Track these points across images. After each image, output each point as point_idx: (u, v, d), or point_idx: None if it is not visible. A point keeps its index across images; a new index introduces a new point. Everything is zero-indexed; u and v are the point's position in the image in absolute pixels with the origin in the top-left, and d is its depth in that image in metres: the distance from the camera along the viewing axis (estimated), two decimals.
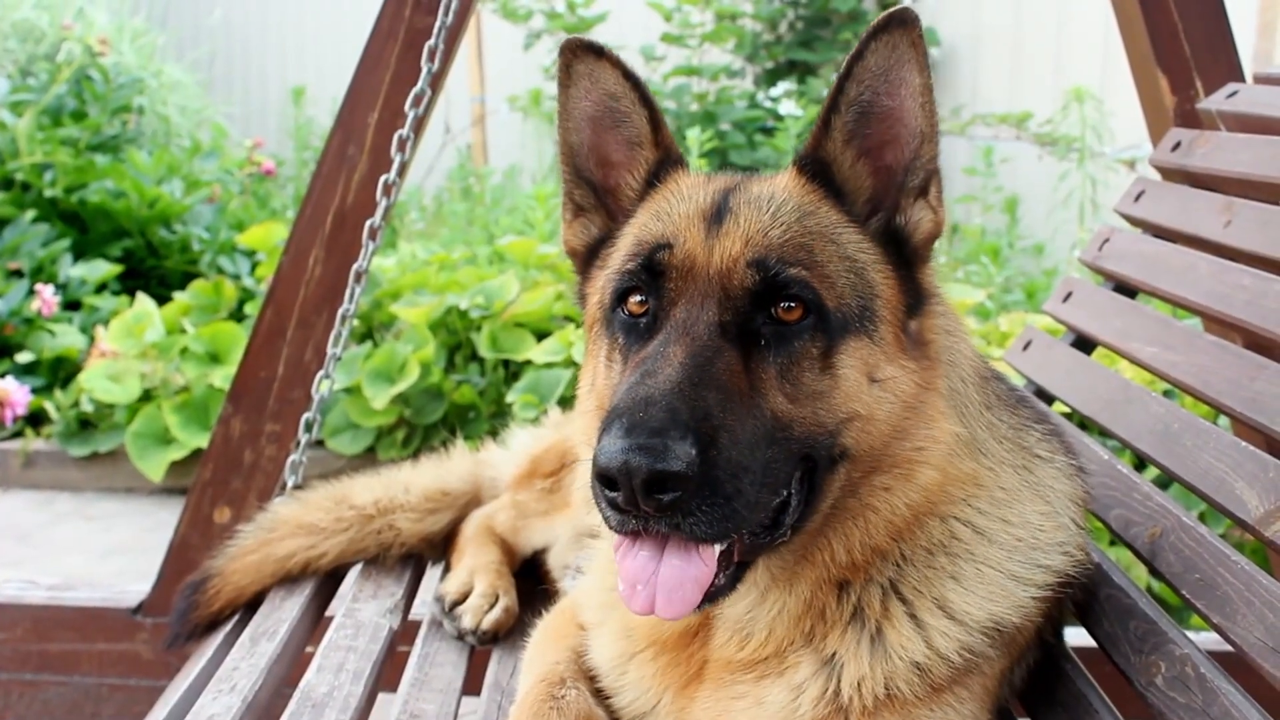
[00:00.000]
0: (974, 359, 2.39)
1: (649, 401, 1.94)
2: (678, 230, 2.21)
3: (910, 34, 2.09)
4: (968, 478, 2.26)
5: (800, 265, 2.12)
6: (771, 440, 2.03)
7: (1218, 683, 2.20)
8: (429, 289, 7.99)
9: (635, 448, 1.87)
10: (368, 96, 4.10)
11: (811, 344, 2.10)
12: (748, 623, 2.28)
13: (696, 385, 1.98)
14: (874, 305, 2.16)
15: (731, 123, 12.03)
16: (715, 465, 1.92)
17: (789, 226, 2.17)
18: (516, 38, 13.10)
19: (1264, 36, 8.73)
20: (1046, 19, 11.30)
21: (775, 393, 2.07)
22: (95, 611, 4.27)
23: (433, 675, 3.03)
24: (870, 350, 2.14)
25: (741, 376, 2.05)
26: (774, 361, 2.09)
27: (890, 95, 2.14)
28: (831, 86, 2.17)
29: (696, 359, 2.03)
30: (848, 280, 2.15)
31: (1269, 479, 2.42)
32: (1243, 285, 2.96)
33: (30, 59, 11.25)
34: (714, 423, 1.95)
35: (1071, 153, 10.15)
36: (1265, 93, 3.58)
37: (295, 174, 12.60)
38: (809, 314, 2.10)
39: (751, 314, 2.11)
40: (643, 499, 1.90)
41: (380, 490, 3.57)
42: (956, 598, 2.24)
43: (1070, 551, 2.36)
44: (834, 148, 2.22)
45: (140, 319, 7.97)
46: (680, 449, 1.88)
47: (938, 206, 2.24)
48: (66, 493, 7.87)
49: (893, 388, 2.15)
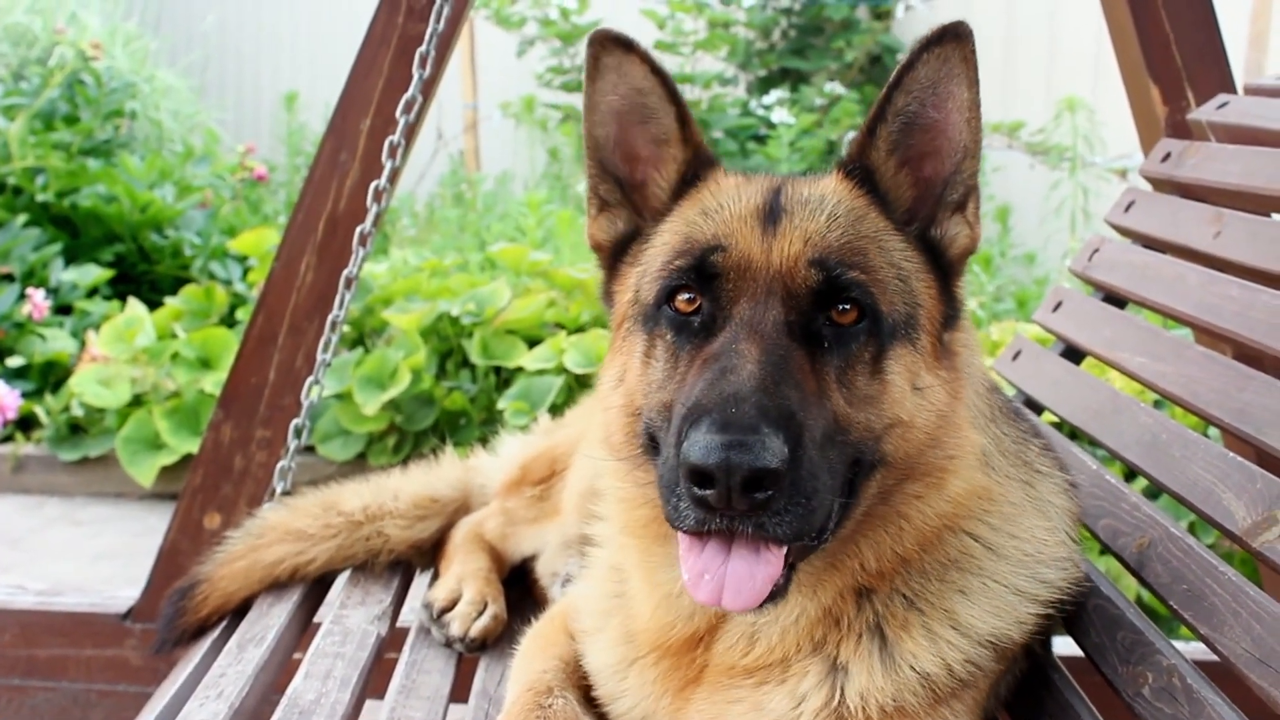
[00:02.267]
0: (984, 373, 2.40)
1: (738, 398, 1.92)
2: (731, 230, 2.19)
3: (963, 48, 2.08)
4: (983, 491, 2.26)
5: (858, 268, 2.12)
6: (833, 442, 2.03)
7: (1204, 693, 2.20)
8: (420, 295, 7.98)
9: (734, 444, 1.85)
10: (360, 103, 4.09)
11: (866, 348, 2.10)
12: (761, 627, 2.27)
13: (779, 383, 1.97)
14: (918, 314, 2.17)
15: (724, 130, 12.04)
16: (800, 465, 1.92)
17: (845, 229, 2.17)
18: (509, 44, 13.12)
19: (1255, 47, 8.75)
20: (1038, 28, 11.33)
21: (836, 395, 2.07)
22: (84, 617, 4.26)
23: (420, 682, 3.03)
24: (914, 358, 2.14)
25: (810, 376, 2.05)
26: (834, 363, 2.08)
27: (937, 108, 2.14)
28: (879, 95, 2.16)
29: (772, 356, 2.02)
30: (897, 287, 2.16)
31: (1256, 490, 2.42)
32: (1232, 296, 2.96)
33: (22, 63, 11.24)
34: (798, 421, 1.94)
35: (1063, 162, 10.17)
36: (1255, 104, 3.59)
37: (287, 180, 12.58)
38: (864, 318, 2.11)
39: (814, 314, 2.11)
40: (738, 497, 1.88)
41: (369, 497, 3.56)
42: (964, 610, 2.24)
43: (1068, 567, 2.36)
44: (878, 156, 2.21)
45: (131, 324, 7.96)
46: (775, 445, 1.87)
47: (974, 222, 2.24)
48: (56, 497, 7.85)
49: (931, 396, 2.15)
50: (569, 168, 12.31)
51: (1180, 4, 4.02)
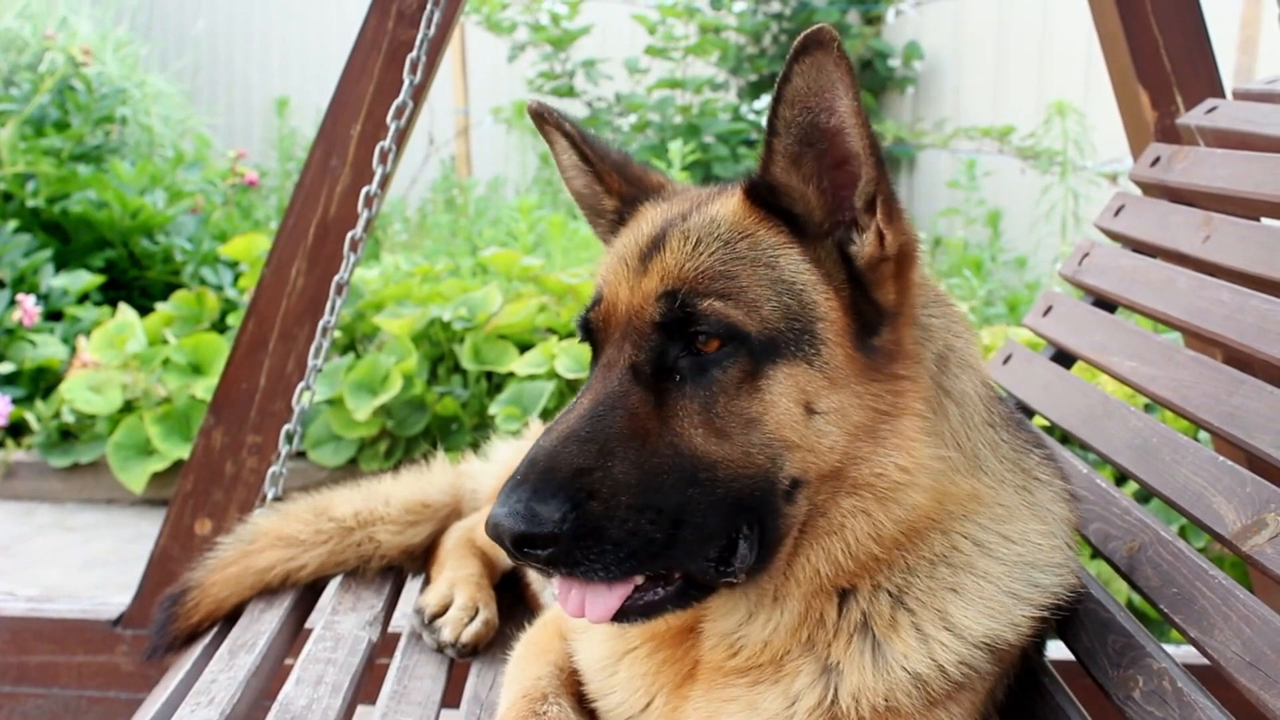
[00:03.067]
0: (982, 375, 2.36)
1: (533, 462, 2.04)
2: (612, 274, 2.26)
3: (832, 53, 2.03)
4: (968, 495, 2.24)
5: (714, 294, 2.11)
6: (692, 480, 2.05)
7: (1194, 697, 2.21)
8: (412, 300, 7.98)
9: (506, 513, 1.98)
10: (350, 108, 4.10)
11: (732, 371, 2.08)
12: (738, 639, 2.27)
13: (584, 440, 2.05)
14: (815, 328, 2.13)
15: (715, 135, 12.06)
16: (595, 516, 1.99)
17: (713, 254, 2.16)
18: (500, 50, 13.14)
19: (1245, 52, 8.77)
20: (1029, 33, 11.35)
21: (694, 429, 2.07)
22: (75, 623, 4.25)
23: (412, 688, 3.02)
24: (809, 377, 2.10)
25: (651, 417, 2.08)
26: (692, 395, 2.09)
27: (828, 114, 2.09)
28: (768, 111, 2.14)
29: (597, 408, 2.09)
30: (778, 303, 2.12)
31: (1246, 494, 2.42)
32: (1221, 300, 2.97)
33: (13, 69, 11.22)
34: (595, 475, 2.01)
35: (1053, 166, 10.19)
36: (1244, 108, 3.60)
37: (278, 185, 12.58)
38: (728, 342, 2.09)
39: (664, 349, 2.12)
40: (518, 556, 2.01)
41: (360, 502, 3.56)
42: (957, 611, 2.23)
43: (1063, 573, 2.35)
44: (779, 170, 2.17)
45: (122, 330, 7.95)
46: (545, 511, 1.97)
47: (885, 227, 2.17)
48: (47, 504, 7.84)
49: (837, 420, 2.11)
50: (560, 173, 12.30)
51: (1169, 9, 4.03)
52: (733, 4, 13.02)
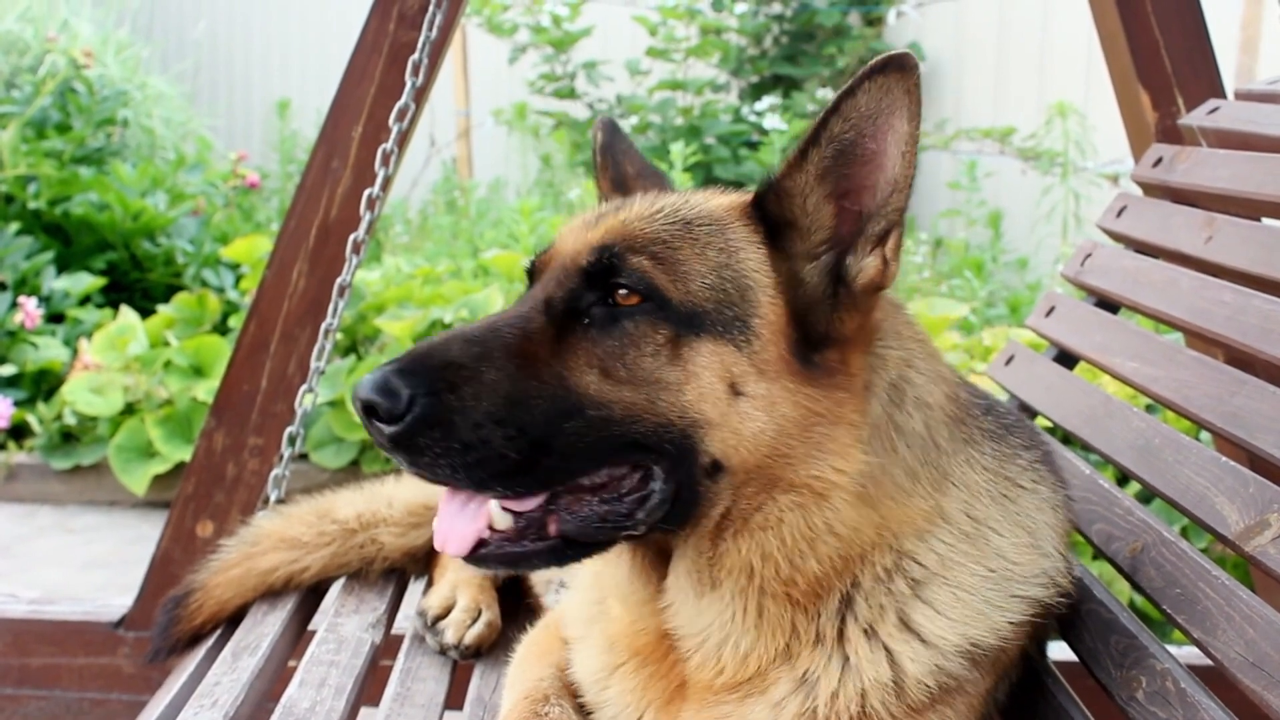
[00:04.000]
0: (946, 397, 2.32)
1: (414, 348, 2.09)
2: (566, 228, 2.33)
3: (907, 80, 2.03)
4: (924, 514, 2.22)
5: (646, 254, 2.14)
6: (570, 415, 2.07)
7: (1198, 697, 2.21)
8: (413, 302, 7.98)
9: (366, 380, 2.01)
10: (352, 110, 4.10)
11: (649, 329, 2.10)
12: (718, 658, 2.26)
13: (468, 341, 2.08)
14: (750, 321, 2.13)
15: (716, 137, 12.07)
16: (447, 408, 2.01)
17: (665, 225, 2.19)
18: (502, 51, 13.15)
19: (1246, 52, 8.77)
20: (1030, 34, 11.36)
21: (588, 369, 2.10)
22: (76, 626, 4.25)
23: (415, 690, 3.03)
24: (736, 359, 2.11)
25: (544, 345, 2.11)
26: (597, 340, 2.11)
27: (874, 139, 2.08)
28: (816, 119, 2.12)
29: (495, 321, 2.14)
30: (713, 285, 2.14)
31: (1249, 494, 2.42)
32: (1224, 301, 2.97)
33: (14, 71, 11.23)
34: (464, 373, 2.04)
35: (1055, 167, 10.20)
36: (1246, 109, 3.60)
37: (280, 187, 12.59)
38: (646, 300, 2.12)
39: (581, 293, 2.15)
40: (368, 427, 2.04)
41: (363, 504, 3.56)
42: (925, 622, 2.21)
43: (1047, 583, 2.32)
44: (804, 179, 2.16)
45: (124, 332, 7.96)
46: (399, 386, 2.00)
47: (891, 258, 2.17)
48: (48, 506, 7.84)
49: (766, 406, 2.11)
50: (561, 174, 12.33)
51: (1169, 10, 4.03)
52: (734, 5, 13.03)
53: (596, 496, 2.14)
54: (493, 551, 2.13)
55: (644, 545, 2.31)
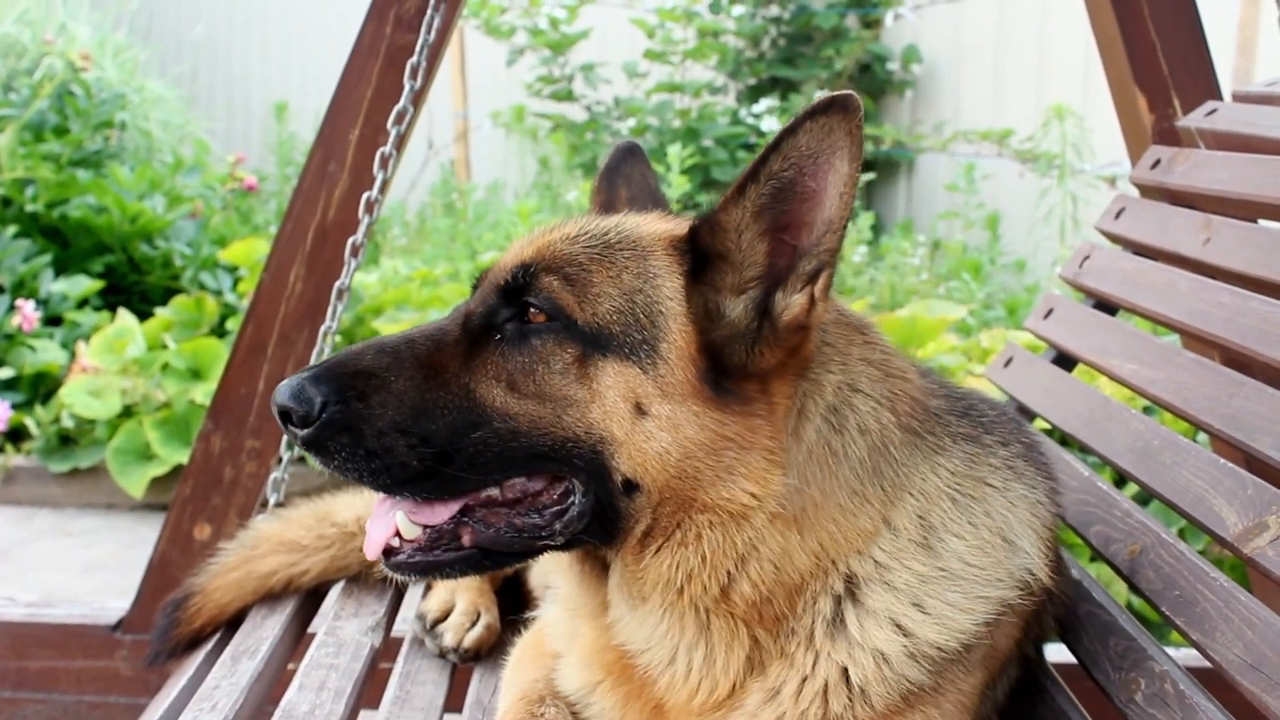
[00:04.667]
0: (900, 418, 2.28)
1: (333, 356, 2.19)
2: (513, 244, 2.39)
3: (850, 121, 2.02)
4: (864, 532, 2.21)
5: (560, 275, 2.18)
6: (480, 425, 2.13)
7: (1196, 699, 2.21)
8: (411, 305, 7.98)
9: (283, 386, 2.12)
10: (349, 113, 4.09)
11: (552, 346, 2.15)
12: (685, 678, 2.27)
13: (381, 351, 2.18)
14: (659, 346, 2.14)
15: (714, 139, 12.07)
16: (355, 416, 2.11)
17: (583, 247, 2.23)
18: (500, 54, 13.15)
19: (1243, 54, 8.78)
20: (1028, 37, 11.36)
21: (496, 383, 2.16)
22: (74, 629, 4.25)
23: (414, 693, 3.03)
24: (640, 380, 2.13)
25: (455, 359, 2.19)
26: (507, 355, 2.17)
27: (814, 177, 2.08)
28: (757, 155, 2.12)
29: (412, 333, 2.24)
30: (622, 310, 2.16)
31: (1247, 496, 2.43)
32: (1221, 303, 2.97)
33: (12, 74, 11.22)
34: (374, 382, 2.13)
35: (1052, 169, 10.19)
36: (1243, 111, 3.60)
37: (278, 190, 12.58)
38: (553, 319, 2.16)
39: (497, 309, 2.22)
40: (282, 427, 2.14)
41: (363, 507, 3.55)
42: (876, 629, 2.20)
43: (1016, 582, 2.29)
44: (741, 215, 2.15)
45: (121, 334, 7.95)
46: (312, 393, 2.10)
47: (820, 298, 2.16)
48: (46, 509, 7.83)
49: (670, 427, 2.12)
50: (559, 177, 12.34)
51: (1166, 12, 4.03)
52: (731, 8, 13.03)
53: (514, 509, 2.20)
54: (404, 560, 2.21)
55: (589, 559, 2.35)
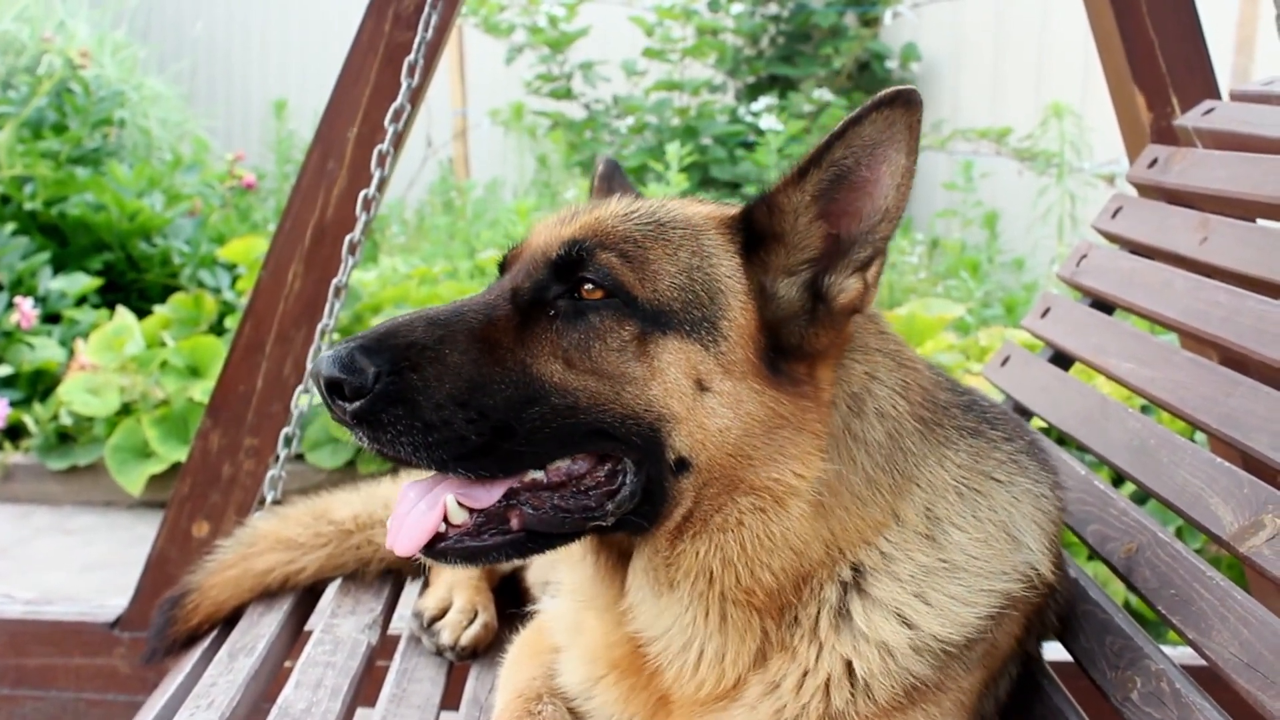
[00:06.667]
0: (914, 408, 2.31)
1: (378, 326, 2.10)
2: (541, 223, 2.35)
3: (910, 116, 2.07)
4: (876, 522, 2.22)
5: (616, 252, 2.16)
6: (537, 400, 2.09)
7: (1192, 698, 2.21)
8: (410, 303, 7.98)
9: (329, 356, 2.03)
10: (347, 111, 4.09)
11: (611, 323, 2.13)
12: (694, 669, 2.27)
13: (431, 323, 2.11)
14: (719, 324, 2.15)
15: (713, 137, 12.06)
16: (411, 387, 2.03)
17: (638, 226, 2.22)
18: (498, 51, 13.14)
19: (1241, 53, 8.78)
20: (1027, 35, 11.36)
21: (553, 359, 2.12)
22: (72, 626, 4.25)
23: (411, 691, 3.03)
24: (702, 357, 2.13)
25: (509, 333, 2.13)
26: (562, 331, 2.13)
27: (871, 168, 2.12)
28: (820, 141, 2.15)
29: (461, 306, 2.16)
30: (682, 287, 2.16)
31: (1244, 495, 2.43)
32: (1218, 302, 2.97)
33: (10, 71, 11.22)
34: (428, 354, 2.06)
35: (1051, 168, 10.20)
36: (1241, 110, 3.60)
37: (277, 187, 12.58)
38: (611, 296, 2.14)
39: (548, 285, 2.17)
40: (329, 404, 2.05)
41: (359, 506, 3.56)
42: (882, 622, 2.21)
43: (1020, 576, 2.30)
44: (800, 198, 2.19)
45: (120, 332, 7.95)
46: (364, 363, 2.02)
47: (872, 284, 2.21)
48: (45, 506, 7.83)
49: (732, 404, 2.13)
50: (558, 175, 12.34)
51: (1165, 11, 4.03)
52: (730, 6, 13.03)
53: (558, 492, 2.16)
54: (451, 546, 2.14)
55: (606, 548, 2.33)
